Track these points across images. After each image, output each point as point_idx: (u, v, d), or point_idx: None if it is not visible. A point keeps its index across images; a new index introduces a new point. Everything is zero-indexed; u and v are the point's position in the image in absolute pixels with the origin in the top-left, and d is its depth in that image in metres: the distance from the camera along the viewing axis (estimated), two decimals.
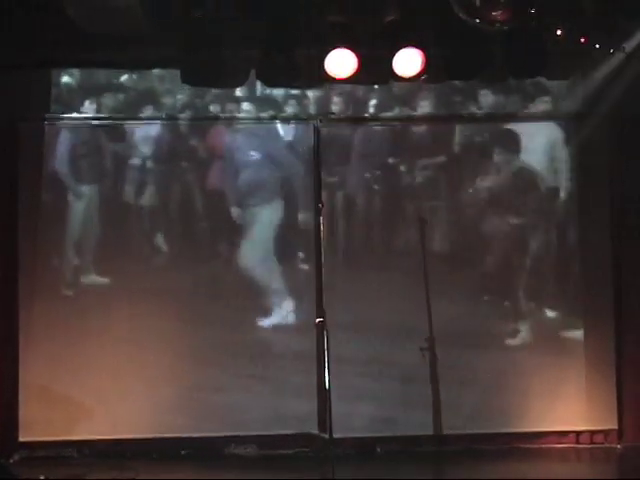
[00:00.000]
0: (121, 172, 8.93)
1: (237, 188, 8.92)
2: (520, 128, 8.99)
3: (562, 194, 9.01)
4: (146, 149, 8.97)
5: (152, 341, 8.63)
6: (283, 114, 8.91)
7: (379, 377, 8.69)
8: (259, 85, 8.46)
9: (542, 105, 9.00)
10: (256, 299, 8.83)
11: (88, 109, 8.88)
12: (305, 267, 8.79)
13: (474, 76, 8.17)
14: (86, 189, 8.91)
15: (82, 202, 8.90)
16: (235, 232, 8.92)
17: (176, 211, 9.00)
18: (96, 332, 8.64)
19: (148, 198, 8.94)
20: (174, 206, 8.99)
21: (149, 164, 8.98)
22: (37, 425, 8.44)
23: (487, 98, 8.96)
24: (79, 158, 8.88)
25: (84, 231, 8.90)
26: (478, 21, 7.23)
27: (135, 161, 8.95)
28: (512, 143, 8.98)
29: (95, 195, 8.90)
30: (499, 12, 7.16)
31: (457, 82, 8.60)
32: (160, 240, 8.95)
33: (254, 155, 8.95)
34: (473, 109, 8.99)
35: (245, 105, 8.90)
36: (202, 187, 8.96)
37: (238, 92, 8.81)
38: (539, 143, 9.01)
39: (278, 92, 8.78)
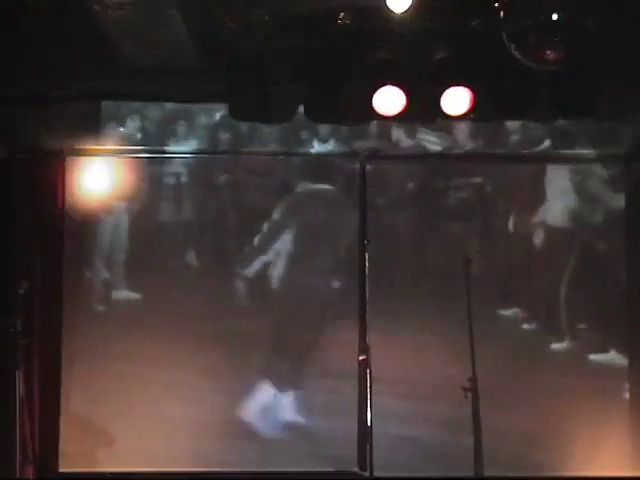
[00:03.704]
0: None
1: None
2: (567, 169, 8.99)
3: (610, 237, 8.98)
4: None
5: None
6: (330, 150, 8.93)
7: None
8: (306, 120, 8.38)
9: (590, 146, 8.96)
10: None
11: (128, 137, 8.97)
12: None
13: (523, 115, 8.11)
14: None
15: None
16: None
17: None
18: (136, 360, 8.68)
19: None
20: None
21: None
22: (77, 456, 8.47)
23: (534, 137, 8.93)
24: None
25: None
26: (531, 60, 7.18)
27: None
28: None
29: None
30: (553, 52, 7.09)
31: (505, 121, 8.57)
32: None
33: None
34: (519, 147, 8.97)
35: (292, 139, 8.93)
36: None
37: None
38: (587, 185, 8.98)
39: (324, 128, 8.77)
